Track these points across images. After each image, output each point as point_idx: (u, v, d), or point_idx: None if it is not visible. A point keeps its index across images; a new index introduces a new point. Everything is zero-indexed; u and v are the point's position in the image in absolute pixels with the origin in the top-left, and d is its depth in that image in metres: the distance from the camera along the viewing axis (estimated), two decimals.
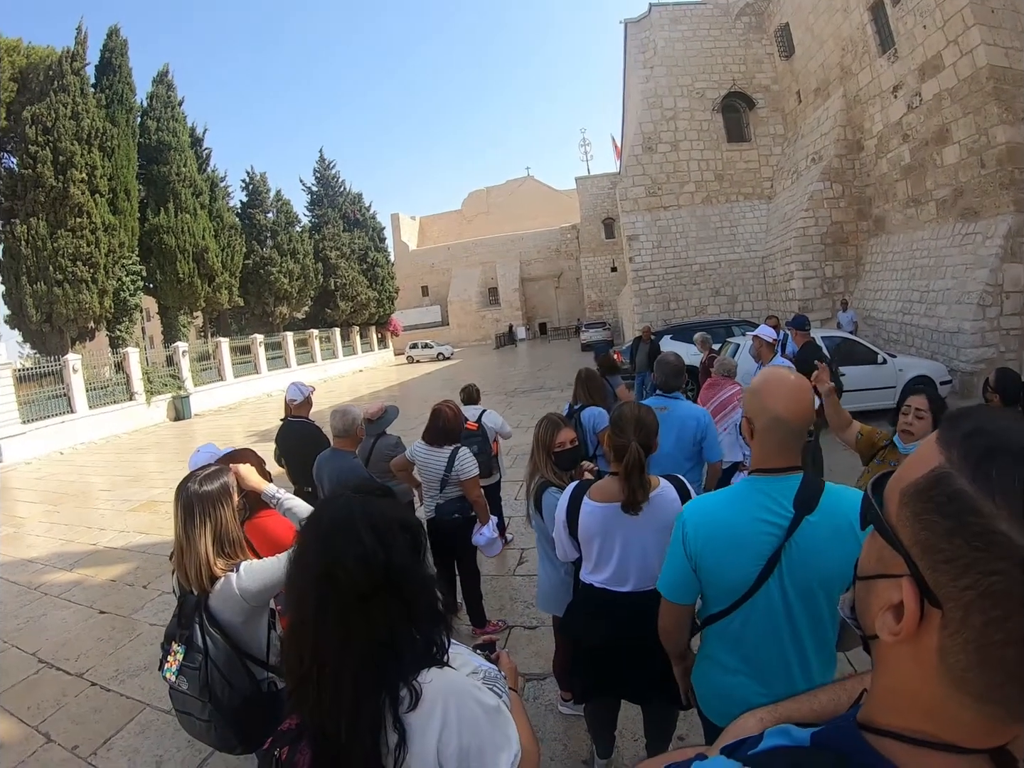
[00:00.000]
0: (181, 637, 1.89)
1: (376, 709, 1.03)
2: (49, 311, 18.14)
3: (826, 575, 1.54)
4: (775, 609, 1.58)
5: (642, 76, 21.16)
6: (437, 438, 3.86)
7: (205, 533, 1.88)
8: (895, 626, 0.56)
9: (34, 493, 10.40)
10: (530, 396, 15.95)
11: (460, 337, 47.25)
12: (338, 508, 1.17)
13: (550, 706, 3.28)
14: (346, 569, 1.07)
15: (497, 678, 1.27)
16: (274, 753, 1.08)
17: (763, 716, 0.97)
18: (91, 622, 4.90)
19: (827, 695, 1.00)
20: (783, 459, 1.58)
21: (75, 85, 18.83)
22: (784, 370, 1.65)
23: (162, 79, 24.76)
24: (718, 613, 1.68)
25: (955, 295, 11.14)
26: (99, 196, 18.91)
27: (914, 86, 13.11)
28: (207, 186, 25.18)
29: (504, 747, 1.09)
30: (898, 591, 0.56)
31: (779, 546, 1.53)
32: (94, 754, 3.22)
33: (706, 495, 1.79)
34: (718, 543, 1.60)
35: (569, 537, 2.41)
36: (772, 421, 1.55)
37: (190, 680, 1.85)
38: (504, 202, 56.52)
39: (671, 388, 3.94)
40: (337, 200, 36.12)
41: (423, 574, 1.18)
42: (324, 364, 30.93)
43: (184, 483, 1.97)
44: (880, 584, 0.60)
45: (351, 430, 3.73)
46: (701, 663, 1.83)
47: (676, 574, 1.70)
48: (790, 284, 17.24)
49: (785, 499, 1.55)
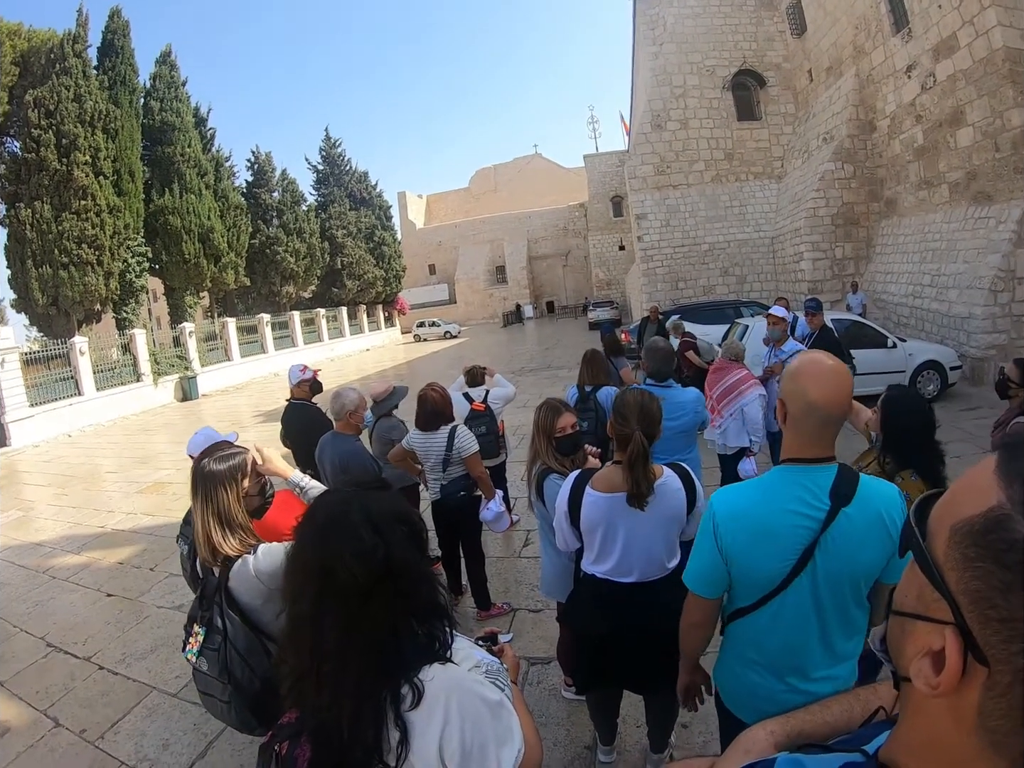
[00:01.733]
0: (202, 619, 1.92)
1: (378, 706, 1.02)
2: (55, 294, 18.18)
3: (859, 568, 1.52)
4: (805, 603, 1.55)
5: (651, 53, 20.82)
6: (429, 422, 3.86)
7: (207, 511, 1.89)
8: (933, 678, 0.51)
9: (42, 476, 10.49)
10: (538, 375, 15.96)
11: (467, 315, 47.14)
12: (334, 503, 1.16)
13: (553, 691, 3.30)
14: (345, 565, 1.05)
15: (500, 671, 1.25)
16: (274, 748, 1.07)
17: (774, 729, 0.95)
18: (99, 605, 4.95)
19: (840, 706, 0.98)
20: (817, 448, 1.53)
21: (77, 67, 18.71)
22: (823, 354, 1.58)
23: (165, 59, 24.52)
24: (746, 608, 1.64)
25: (967, 280, 10.98)
26: (103, 178, 18.85)
27: (928, 66, 12.81)
28: (212, 166, 25.05)
29: (507, 742, 1.08)
30: (939, 638, 0.51)
31: (814, 539, 1.49)
32: (101, 738, 3.26)
33: (737, 485, 1.73)
34: (750, 535, 1.54)
35: (571, 527, 2.37)
36: (806, 406, 1.49)
37: (210, 661, 1.88)
38: (512, 180, 56.05)
39: (664, 376, 3.89)
40: (343, 179, 35.89)
41: (424, 567, 1.16)
42: (331, 343, 30.94)
43: (199, 458, 1.99)
44: (919, 626, 0.55)
45: (341, 414, 3.73)
46: (725, 658, 1.79)
47: (706, 567, 1.63)
48: (799, 265, 17.06)
49: (821, 490, 1.50)
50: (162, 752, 3.10)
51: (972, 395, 9.26)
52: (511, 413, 6.61)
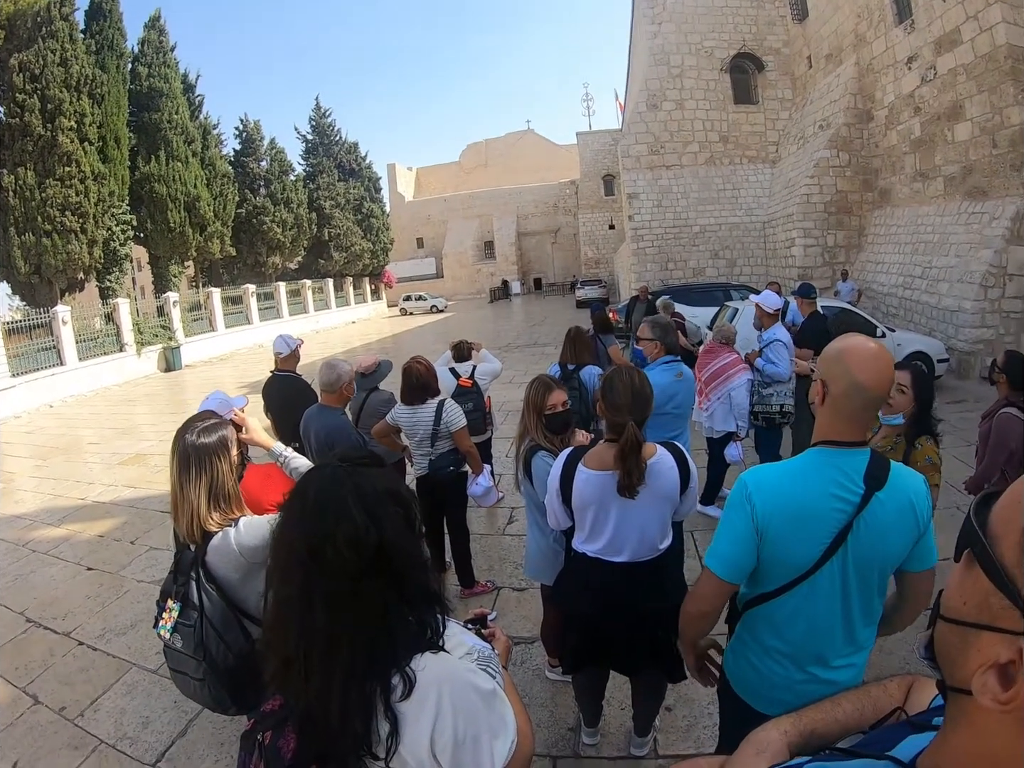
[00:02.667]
0: (177, 594, 1.86)
1: (368, 695, 0.98)
2: (38, 262, 17.84)
3: (889, 553, 1.52)
4: (834, 589, 1.53)
5: (650, 32, 20.56)
6: (415, 396, 3.81)
7: (199, 486, 1.83)
8: (1001, 692, 0.47)
9: (23, 447, 10.33)
10: (524, 351, 15.99)
11: (454, 290, 46.96)
12: (325, 480, 1.09)
13: (537, 671, 3.30)
14: (336, 548, 1.00)
15: (492, 658, 1.22)
16: (257, 737, 1.03)
17: (787, 728, 0.92)
18: (79, 579, 4.89)
19: (851, 704, 0.96)
20: (854, 431, 1.51)
21: (64, 31, 18.19)
22: (863, 336, 1.55)
23: (154, 24, 23.87)
24: (770, 593, 1.60)
25: (958, 273, 11.05)
26: (88, 144, 18.41)
27: (929, 59, 12.76)
28: (199, 134, 24.55)
29: (500, 733, 1.05)
30: (1009, 650, 0.47)
31: (848, 523, 1.48)
32: (81, 715, 3.23)
33: (771, 464, 1.66)
34: (786, 516, 1.50)
35: (562, 505, 2.33)
36: (851, 387, 1.45)
37: (185, 638, 1.82)
38: (503, 155, 55.60)
39: (675, 348, 3.87)
40: (333, 149, 35.30)
41: (418, 552, 1.11)
42: (317, 315, 30.68)
43: (181, 433, 1.90)
44: (984, 636, 0.51)
45: (336, 386, 3.62)
46: (740, 644, 1.74)
47: (739, 550, 1.56)
48: (791, 251, 17.11)
49: (856, 474, 1.48)
50: (142, 730, 3.07)
51: (958, 388, 9.36)
52: (497, 389, 6.57)
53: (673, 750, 2.72)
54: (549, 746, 2.79)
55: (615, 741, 2.79)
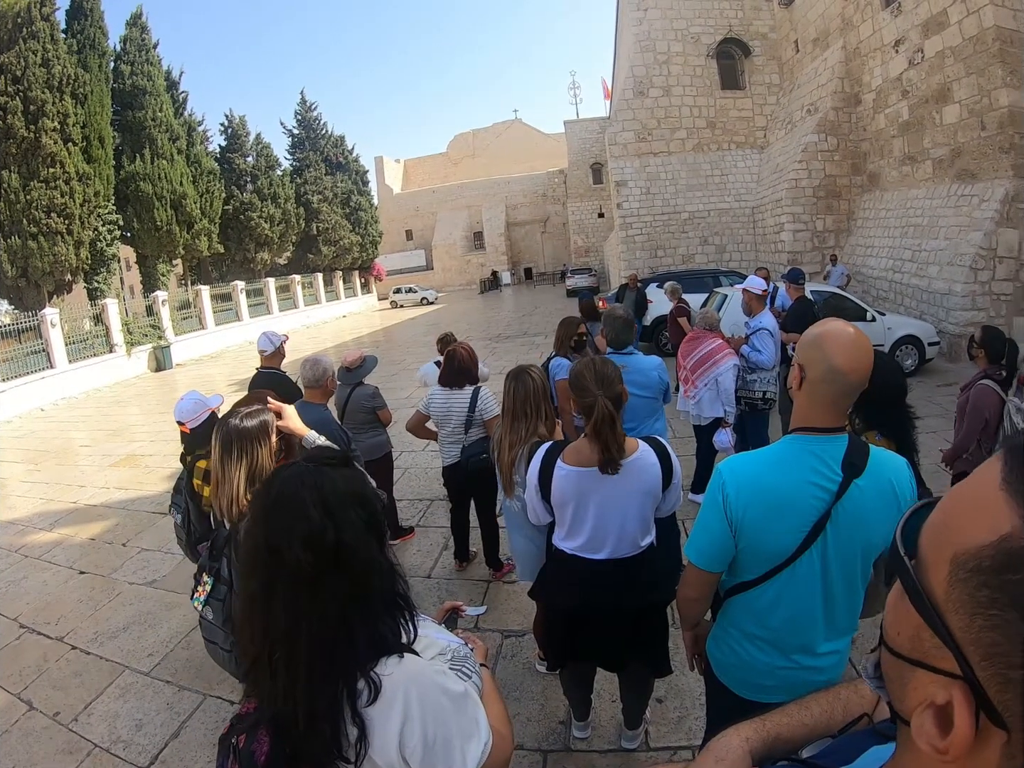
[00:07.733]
0: (211, 569, 1.98)
1: (333, 698, 0.98)
2: (24, 265, 17.65)
3: (870, 540, 1.51)
4: (814, 577, 1.53)
5: (635, 18, 20.39)
6: (456, 379, 3.90)
7: (240, 469, 1.88)
8: (938, 739, 0.42)
9: (15, 452, 10.26)
10: (514, 342, 16.02)
11: (445, 282, 46.95)
12: (287, 479, 1.08)
13: (527, 665, 3.31)
14: (291, 547, 0.99)
15: (467, 656, 1.23)
16: (231, 741, 1.03)
17: (749, 735, 0.89)
18: (71, 583, 4.88)
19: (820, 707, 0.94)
20: (832, 418, 1.50)
21: (45, 31, 17.91)
22: (843, 322, 1.53)
23: (136, 21, 23.57)
24: (750, 582, 1.60)
25: (947, 256, 11.05)
26: (72, 145, 18.19)
27: (917, 42, 12.70)
28: (184, 131, 24.28)
29: (473, 735, 1.05)
30: (944, 692, 0.42)
31: (826, 510, 1.47)
32: (75, 720, 3.23)
33: (747, 454, 1.66)
34: (763, 506, 1.50)
35: (541, 500, 2.33)
36: (829, 372, 1.44)
37: (215, 611, 1.94)
38: (491, 145, 55.42)
39: (623, 344, 3.84)
40: (319, 143, 34.93)
41: (379, 556, 1.09)
42: (307, 310, 30.51)
43: (225, 418, 1.98)
44: (919, 673, 0.46)
45: (321, 381, 3.63)
46: (722, 631, 1.75)
47: (712, 540, 1.58)
48: (780, 236, 17.06)
49: (833, 461, 1.48)
50: (135, 733, 3.08)
51: (949, 371, 9.37)
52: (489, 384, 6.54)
53: (664, 742, 2.73)
54: (540, 740, 2.80)
55: (606, 734, 2.80)
